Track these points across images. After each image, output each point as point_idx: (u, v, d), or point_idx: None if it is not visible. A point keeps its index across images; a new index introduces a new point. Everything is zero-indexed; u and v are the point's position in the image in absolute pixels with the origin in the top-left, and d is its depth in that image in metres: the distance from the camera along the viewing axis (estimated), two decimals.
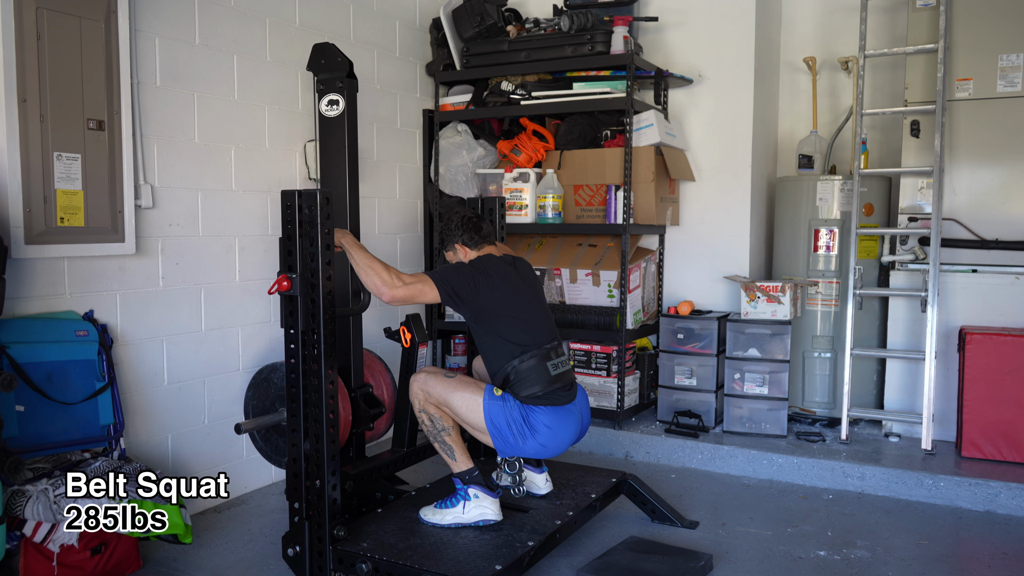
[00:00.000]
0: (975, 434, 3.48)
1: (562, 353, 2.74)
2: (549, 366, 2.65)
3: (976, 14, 3.62)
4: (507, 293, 2.67)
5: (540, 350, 2.66)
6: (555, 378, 2.66)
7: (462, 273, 2.63)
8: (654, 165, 3.94)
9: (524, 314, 2.69)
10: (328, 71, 2.94)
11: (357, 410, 2.97)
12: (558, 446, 2.66)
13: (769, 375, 3.82)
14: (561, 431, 2.65)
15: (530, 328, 2.69)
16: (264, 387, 3.00)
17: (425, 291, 2.55)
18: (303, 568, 2.45)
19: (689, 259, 4.34)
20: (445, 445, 2.65)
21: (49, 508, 2.33)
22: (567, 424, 2.67)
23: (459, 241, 2.81)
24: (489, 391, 2.61)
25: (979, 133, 3.65)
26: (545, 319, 2.78)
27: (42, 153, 2.57)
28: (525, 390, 2.62)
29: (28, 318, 2.58)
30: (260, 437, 3.00)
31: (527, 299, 2.74)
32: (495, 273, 2.68)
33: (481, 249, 2.82)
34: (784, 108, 4.55)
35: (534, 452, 2.65)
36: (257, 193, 3.41)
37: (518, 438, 2.60)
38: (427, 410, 2.66)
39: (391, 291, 2.47)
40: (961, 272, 3.69)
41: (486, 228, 2.84)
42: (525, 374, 2.62)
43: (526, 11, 4.54)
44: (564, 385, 2.69)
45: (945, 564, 2.77)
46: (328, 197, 2.38)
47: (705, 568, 2.64)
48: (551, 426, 2.62)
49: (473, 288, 2.61)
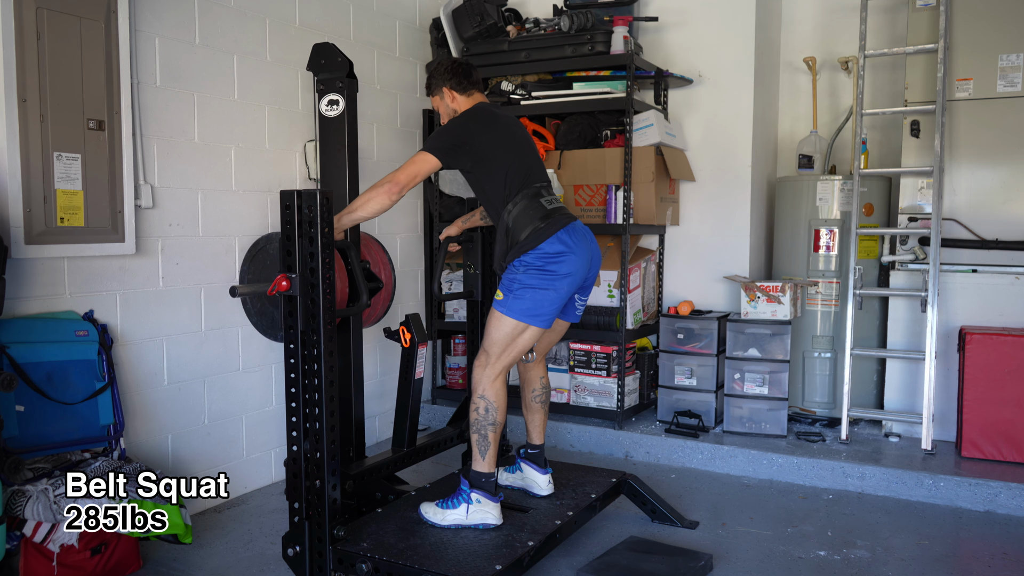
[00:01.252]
0: (975, 434, 3.48)
1: (552, 193, 2.73)
2: (542, 202, 2.65)
3: (976, 14, 3.62)
4: (503, 134, 2.68)
5: (530, 189, 2.66)
6: (550, 211, 2.64)
7: (454, 126, 2.65)
8: (654, 165, 3.94)
9: (518, 155, 2.69)
10: (328, 71, 2.94)
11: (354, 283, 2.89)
12: (580, 267, 2.62)
13: (769, 375, 3.82)
14: (577, 251, 2.61)
15: (523, 169, 2.68)
16: (260, 258, 2.87)
17: (421, 162, 2.56)
18: (303, 568, 2.45)
19: (689, 259, 4.34)
20: (484, 440, 2.62)
21: (49, 508, 2.33)
22: (578, 244, 2.63)
23: (447, 84, 2.78)
24: (495, 302, 2.63)
25: (979, 133, 3.65)
26: (536, 161, 2.77)
27: (42, 153, 2.57)
28: (525, 230, 2.59)
29: (28, 318, 2.58)
30: (255, 311, 2.88)
31: (520, 141, 2.74)
32: (489, 117, 2.69)
33: (471, 95, 2.79)
34: (784, 108, 4.55)
35: (568, 286, 2.60)
36: (257, 193, 3.41)
37: (548, 289, 2.56)
38: (487, 396, 2.63)
39: (392, 184, 2.50)
40: (961, 272, 3.69)
41: (476, 74, 2.82)
42: (520, 215, 2.61)
43: (526, 11, 4.54)
44: (562, 215, 2.67)
45: (945, 564, 2.77)
46: (328, 197, 2.38)
47: (705, 568, 2.64)
48: (565, 249, 2.58)
49: (469, 135, 2.62)
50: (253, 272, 2.90)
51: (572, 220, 2.68)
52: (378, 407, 4.17)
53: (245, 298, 2.82)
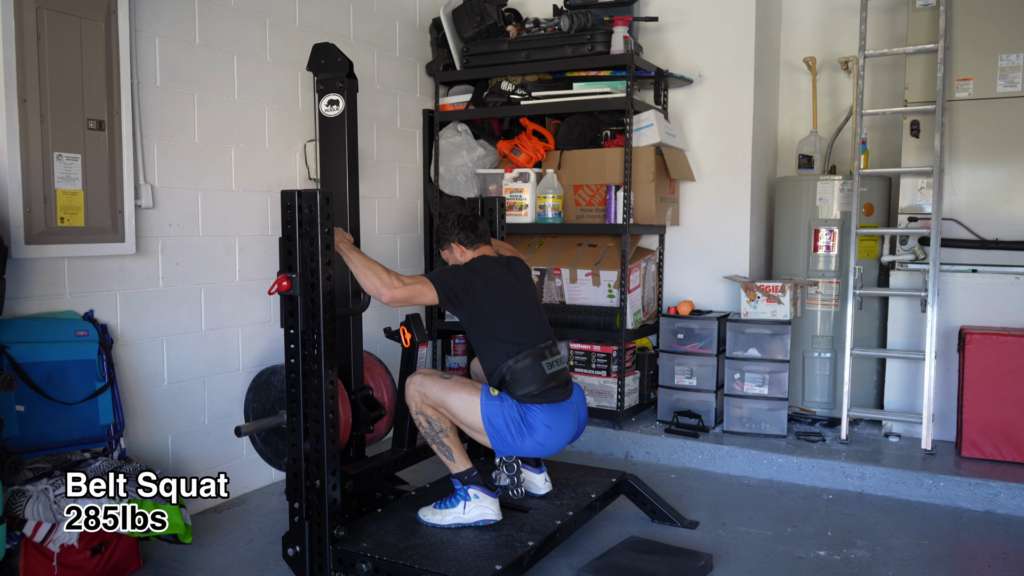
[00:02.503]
0: (975, 434, 3.48)
1: (557, 352, 2.75)
2: (544, 365, 2.67)
3: (976, 14, 3.62)
4: (502, 294, 2.69)
5: (534, 349, 2.67)
6: (550, 376, 2.67)
7: (459, 275, 2.65)
8: (654, 165, 3.94)
9: (519, 314, 2.71)
10: (328, 71, 2.94)
11: (357, 413, 2.97)
12: (555, 444, 2.67)
13: (769, 375, 3.82)
14: (558, 429, 2.65)
15: (525, 328, 2.70)
16: (264, 389, 3.00)
17: (424, 292, 2.57)
18: (303, 568, 2.45)
19: (689, 259, 4.34)
20: (443, 447, 2.66)
21: (49, 508, 2.33)
22: (564, 422, 2.68)
23: (455, 240, 2.82)
24: (486, 391, 2.62)
25: (979, 133, 3.65)
26: (539, 319, 2.79)
27: (42, 153, 2.57)
28: (521, 389, 2.63)
29: (28, 318, 2.58)
30: (260, 440, 3.00)
31: (522, 299, 2.75)
32: (490, 274, 2.70)
33: (477, 249, 2.82)
34: (784, 108, 4.55)
35: (532, 451, 2.65)
36: (257, 193, 3.41)
37: (516, 437, 2.61)
38: (424, 412, 2.66)
39: (391, 292, 2.48)
40: (961, 272, 3.69)
41: (482, 227, 2.85)
42: (520, 373, 2.63)
43: (526, 11, 4.53)
44: (560, 384, 2.71)
45: (945, 564, 2.77)
46: (328, 197, 2.38)
47: (705, 568, 2.64)
48: (549, 424, 2.63)
49: (470, 290, 2.63)
50: (257, 403, 3.00)
51: (566, 396, 2.71)
52: None
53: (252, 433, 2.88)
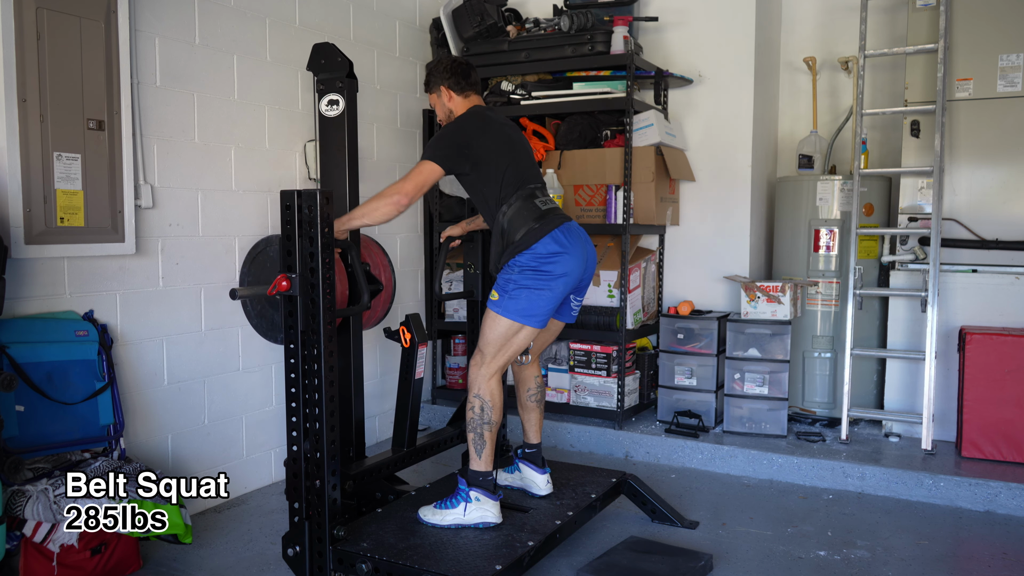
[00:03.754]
0: (975, 434, 3.48)
1: (547, 194, 2.74)
2: (537, 203, 2.65)
3: (976, 14, 3.62)
4: (499, 137, 2.69)
5: (524, 190, 2.66)
6: (545, 212, 2.65)
7: (453, 131, 2.66)
8: (654, 165, 3.94)
9: (514, 158, 2.70)
10: (328, 71, 2.94)
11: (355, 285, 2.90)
12: (576, 267, 2.62)
13: (769, 375, 3.82)
14: (571, 251, 2.61)
15: (516, 171, 2.68)
16: (260, 261, 2.88)
17: (427, 173, 2.57)
18: (303, 568, 2.45)
19: (689, 259, 4.34)
20: (480, 439, 2.63)
21: (49, 508, 2.33)
22: (573, 244, 2.63)
23: (445, 83, 2.79)
24: (490, 302, 2.63)
25: (979, 133, 3.65)
26: (531, 163, 2.78)
27: (42, 153, 2.57)
28: (520, 230, 2.60)
29: (28, 318, 2.58)
30: (255, 313, 2.87)
31: (515, 144, 2.75)
32: (486, 120, 2.70)
33: (467, 97, 2.80)
34: (784, 108, 4.55)
35: (563, 286, 2.60)
36: (257, 193, 3.41)
37: (543, 290, 2.57)
38: (483, 395, 2.64)
39: (402, 195, 2.51)
40: (961, 272, 3.69)
41: (474, 76, 2.83)
42: (515, 217, 2.61)
43: (526, 11, 4.54)
44: (556, 215, 2.68)
45: (945, 564, 2.77)
46: (328, 197, 2.38)
47: (705, 568, 2.64)
48: (560, 247, 2.58)
49: (467, 140, 2.63)
50: (253, 274, 2.89)
51: (567, 220, 2.69)
52: (378, 407, 4.17)
53: (245, 300, 2.82)
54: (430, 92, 2.87)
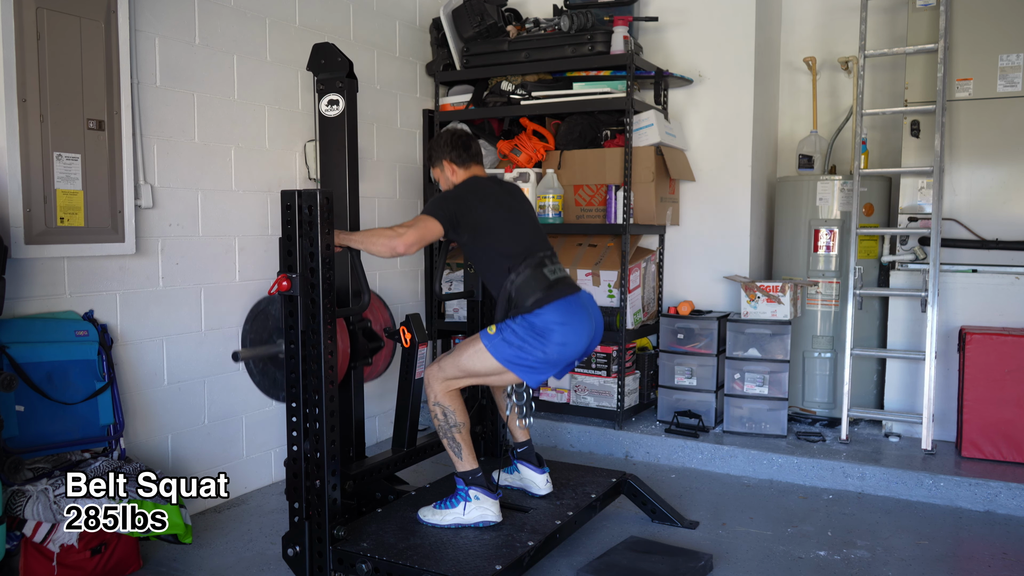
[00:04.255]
0: (975, 434, 3.48)
1: (557, 263, 2.73)
2: (545, 272, 2.65)
3: (976, 14, 3.62)
4: (497, 208, 2.69)
5: (534, 259, 2.65)
6: (554, 282, 2.64)
7: (452, 198, 2.65)
8: (654, 165, 3.94)
9: (515, 227, 2.70)
10: (328, 71, 2.94)
11: (356, 343, 2.90)
12: (577, 342, 2.60)
13: (769, 375, 3.82)
14: (574, 325, 2.59)
15: (522, 240, 2.68)
16: (262, 319, 2.91)
17: (429, 226, 2.56)
18: (303, 568, 2.45)
19: (689, 259, 4.34)
20: (454, 442, 2.65)
21: (49, 508, 2.33)
22: (578, 317, 2.62)
23: (447, 158, 2.80)
24: (484, 334, 2.62)
25: (979, 133, 3.65)
26: (537, 231, 2.78)
27: (42, 153, 2.57)
28: (528, 299, 2.59)
29: (28, 318, 2.58)
30: (257, 371, 2.90)
31: (517, 213, 2.75)
32: (484, 191, 2.70)
33: (469, 168, 2.81)
34: (784, 108, 4.55)
35: (557, 356, 2.58)
36: (257, 193, 3.41)
37: (536, 350, 2.56)
38: (442, 403, 2.64)
39: (401, 240, 2.50)
40: (961, 272, 3.69)
41: (475, 147, 2.83)
42: (523, 285, 2.61)
43: (526, 11, 4.54)
44: (565, 284, 2.67)
45: (945, 564, 2.77)
46: (328, 197, 2.38)
47: (705, 568, 2.64)
48: (561, 321, 2.57)
49: (467, 208, 2.62)
50: (254, 333, 2.95)
51: (575, 292, 2.68)
52: (378, 407, 4.17)
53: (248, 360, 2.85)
54: (433, 167, 2.88)
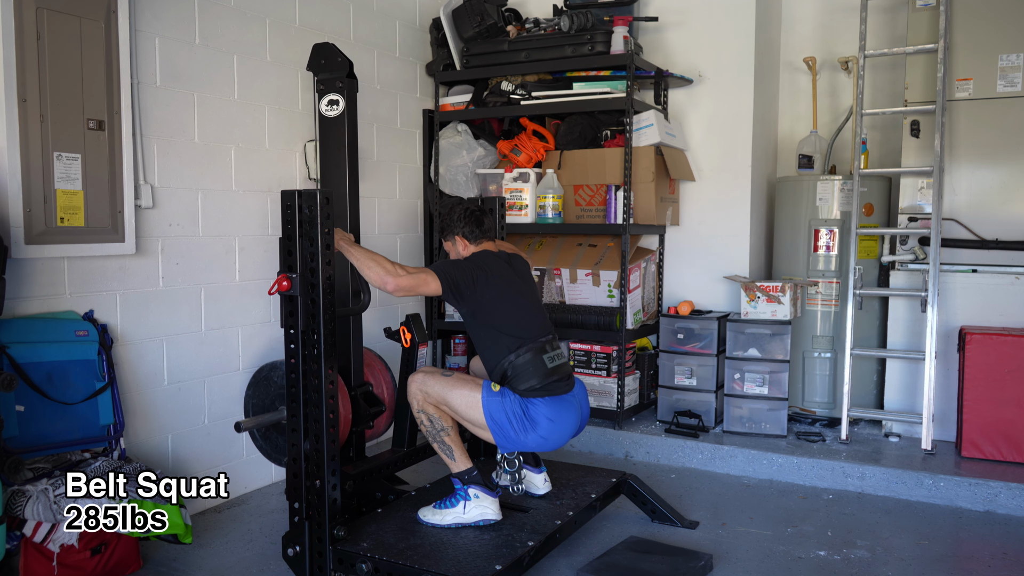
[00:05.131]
0: (975, 434, 3.48)
1: (558, 347, 2.75)
2: (545, 359, 2.66)
3: (976, 14, 3.62)
4: (503, 288, 2.69)
5: (535, 343, 2.67)
6: (552, 370, 2.66)
7: (460, 268, 2.66)
8: (654, 165, 3.94)
9: (519, 309, 2.71)
10: (328, 71, 2.94)
11: (357, 408, 2.97)
12: (559, 438, 2.66)
13: (769, 375, 3.82)
14: (561, 422, 2.64)
15: (525, 322, 2.70)
16: (264, 385, 3.00)
17: (427, 281, 2.56)
18: (303, 568, 2.45)
19: (689, 259, 4.34)
20: (444, 445, 2.66)
21: (49, 508, 2.33)
22: (567, 415, 2.67)
23: (459, 233, 2.82)
24: (487, 387, 2.62)
25: (979, 133, 3.65)
26: (540, 314, 2.79)
27: (42, 153, 2.57)
28: (523, 384, 2.62)
29: (28, 318, 2.58)
30: (260, 436, 3.00)
31: (522, 294, 2.75)
32: (491, 269, 2.70)
33: (480, 244, 2.82)
34: (784, 108, 4.55)
35: (535, 445, 2.64)
36: (257, 193, 3.41)
37: (519, 432, 2.60)
38: (426, 410, 2.66)
39: (395, 280, 2.48)
40: (961, 272, 3.69)
41: (487, 223, 2.85)
42: (522, 368, 2.63)
43: (526, 11, 4.54)
44: (562, 377, 2.70)
45: (945, 564, 2.77)
46: (328, 197, 2.38)
47: (705, 568, 2.64)
48: (552, 417, 2.62)
49: (471, 283, 2.63)
50: (257, 399, 2.99)
51: (568, 388, 2.71)
52: None
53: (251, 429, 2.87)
54: (445, 239, 2.89)
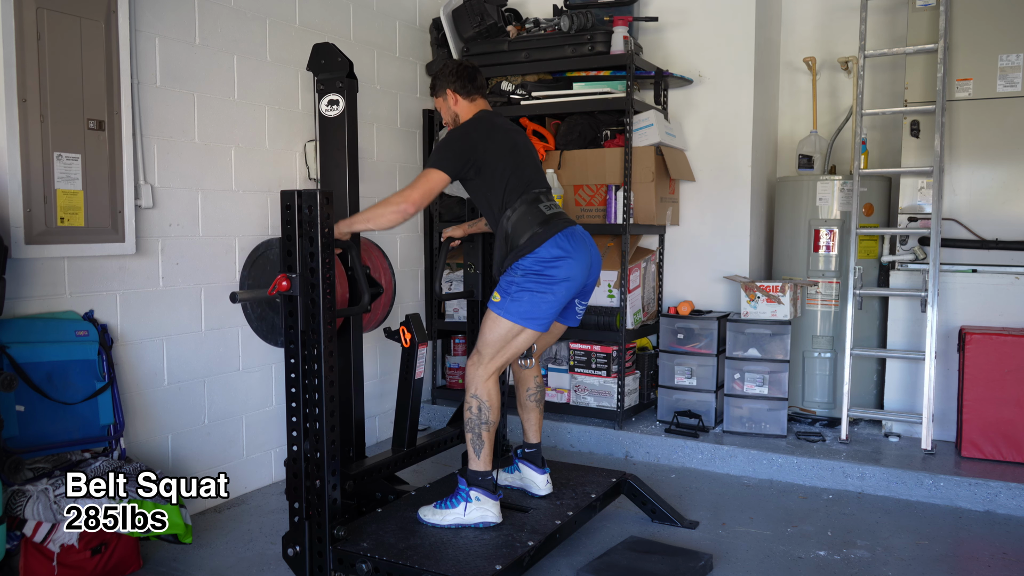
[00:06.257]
0: (975, 434, 3.48)
1: (552, 199, 2.73)
2: (541, 207, 2.65)
3: (976, 14, 3.62)
4: (505, 143, 2.68)
5: (528, 195, 2.65)
6: (549, 216, 2.64)
7: (458, 138, 2.65)
8: (654, 165, 3.94)
9: (516, 163, 2.69)
10: (328, 71, 2.94)
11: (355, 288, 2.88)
12: (579, 273, 2.61)
13: (769, 375, 3.82)
14: (576, 254, 2.61)
15: (521, 176, 2.68)
16: (261, 264, 2.88)
17: (434, 180, 2.56)
18: (303, 568, 2.45)
19: (689, 259, 4.34)
20: (479, 439, 2.64)
21: (49, 508, 2.33)
22: (577, 247, 2.63)
23: (451, 87, 2.78)
24: (491, 304, 2.63)
25: (979, 133, 3.65)
26: (535, 167, 2.78)
27: (42, 153, 2.57)
28: (524, 235, 2.60)
29: (28, 318, 2.58)
30: (255, 316, 2.87)
31: (522, 149, 2.74)
32: (492, 126, 2.69)
33: (474, 100, 2.80)
34: (784, 108, 4.55)
35: (565, 292, 2.59)
36: (257, 193, 3.41)
37: (546, 293, 2.56)
38: (480, 395, 2.64)
39: (409, 203, 2.50)
40: (961, 272, 3.69)
41: (480, 79, 2.82)
42: (519, 221, 2.61)
43: (526, 11, 4.54)
44: (561, 220, 2.67)
45: (945, 564, 2.77)
46: (328, 197, 2.38)
47: (705, 568, 2.64)
48: (564, 251, 2.58)
49: (472, 147, 2.62)
50: (253, 277, 2.90)
51: (571, 224, 2.68)
52: (378, 407, 4.17)
53: (246, 303, 2.82)
54: (436, 96, 2.86)
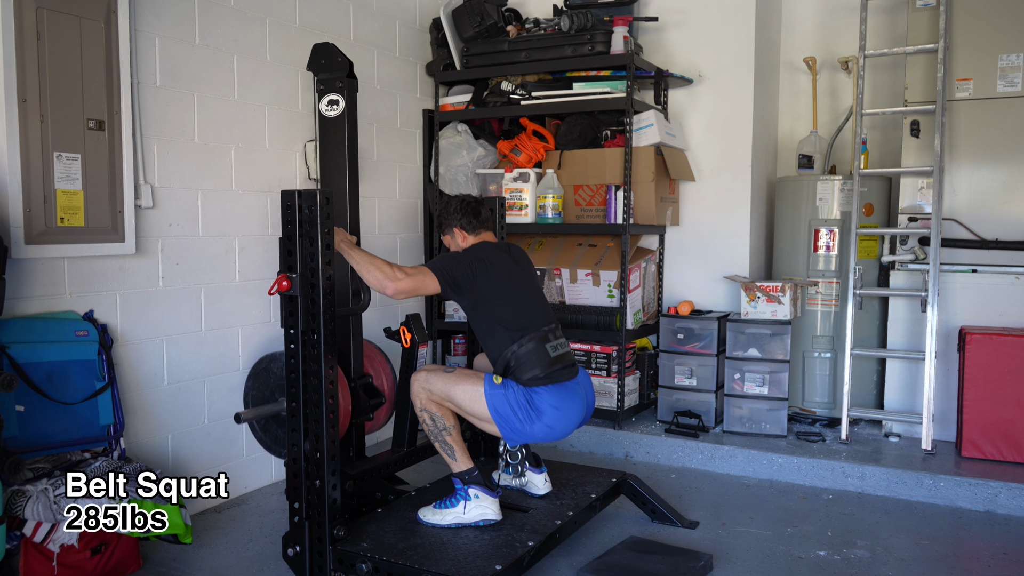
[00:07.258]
0: (975, 434, 3.48)
1: (560, 336, 2.74)
2: (548, 348, 2.65)
3: (976, 14, 3.62)
4: (503, 278, 2.68)
5: (538, 332, 2.66)
6: (555, 359, 2.65)
7: (459, 261, 2.65)
8: (654, 165, 3.94)
9: (520, 299, 2.70)
10: (328, 71, 2.94)
11: (357, 400, 2.95)
12: (565, 426, 2.64)
13: (769, 375, 3.82)
14: (566, 410, 2.63)
15: (527, 312, 2.69)
16: (264, 377, 2.98)
17: (426, 281, 2.56)
18: (303, 568, 2.45)
19: (689, 259, 4.34)
20: (446, 445, 2.66)
21: (49, 508, 2.33)
22: (572, 403, 2.66)
23: (457, 225, 2.81)
24: (489, 380, 2.61)
25: (979, 133, 3.65)
26: (541, 303, 2.78)
27: (42, 153, 2.57)
28: (526, 373, 2.61)
29: (28, 318, 2.58)
30: (260, 428, 2.97)
31: (523, 283, 2.75)
32: (491, 259, 2.69)
33: (479, 235, 2.82)
34: (784, 108, 4.55)
35: (542, 435, 2.62)
36: (257, 193, 3.41)
37: (524, 422, 2.58)
38: (428, 409, 2.66)
39: (394, 284, 2.47)
40: (961, 272, 3.69)
41: (484, 213, 2.84)
42: (525, 358, 2.62)
43: (526, 11, 4.54)
44: (565, 365, 2.69)
45: (945, 564, 2.77)
46: (328, 197, 2.38)
47: (705, 568, 2.64)
48: (556, 406, 2.60)
49: (470, 275, 2.62)
50: (256, 391, 2.98)
51: (572, 375, 2.70)
52: None
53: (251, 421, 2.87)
54: (443, 234, 2.88)
